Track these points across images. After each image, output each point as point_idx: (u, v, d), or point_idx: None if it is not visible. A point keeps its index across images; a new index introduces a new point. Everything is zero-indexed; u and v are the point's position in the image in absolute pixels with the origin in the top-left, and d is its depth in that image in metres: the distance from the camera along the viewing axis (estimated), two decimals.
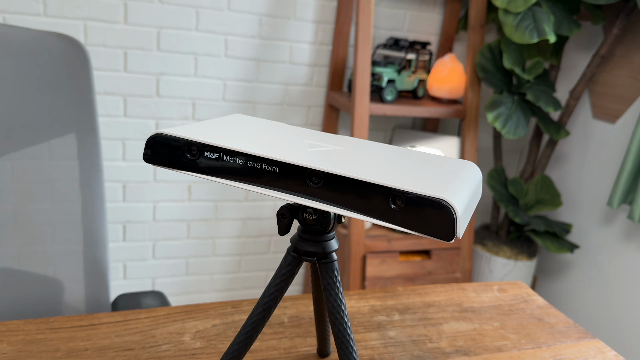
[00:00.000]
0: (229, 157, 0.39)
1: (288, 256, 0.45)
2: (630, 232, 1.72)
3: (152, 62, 1.61)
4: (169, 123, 1.68)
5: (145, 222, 1.77)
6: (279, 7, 1.69)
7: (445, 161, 0.43)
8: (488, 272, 1.89)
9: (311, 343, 0.63)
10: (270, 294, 0.45)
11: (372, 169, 0.38)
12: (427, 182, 0.36)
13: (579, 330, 0.74)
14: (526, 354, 0.67)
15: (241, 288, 1.99)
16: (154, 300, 0.80)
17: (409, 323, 0.71)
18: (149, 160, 0.41)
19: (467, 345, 0.67)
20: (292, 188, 0.38)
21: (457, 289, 0.82)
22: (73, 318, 0.62)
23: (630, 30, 1.71)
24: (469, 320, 0.73)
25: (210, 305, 0.68)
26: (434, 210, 0.33)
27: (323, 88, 1.82)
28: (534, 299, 0.82)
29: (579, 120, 1.94)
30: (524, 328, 0.73)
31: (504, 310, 0.77)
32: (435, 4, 1.89)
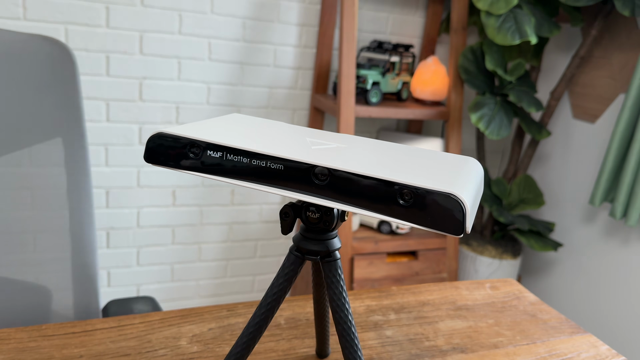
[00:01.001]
0: (233, 156, 0.38)
1: (291, 255, 0.45)
2: (612, 230, 1.75)
3: (135, 66, 1.59)
4: (152, 127, 1.66)
5: (129, 228, 1.74)
6: (263, 10, 1.69)
7: (448, 157, 0.43)
8: (473, 272, 1.90)
9: (309, 344, 0.63)
10: (273, 294, 0.44)
11: (379, 165, 0.38)
12: (434, 177, 0.36)
13: (571, 326, 0.75)
14: (522, 349, 0.68)
15: (228, 293, 1.97)
16: (146, 305, 0.79)
17: (405, 322, 0.71)
18: (150, 160, 0.40)
19: (464, 342, 0.68)
20: (297, 186, 0.38)
21: (450, 288, 0.82)
22: (66, 325, 0.61)
23: (608, 31, 1.75)
24: (464, 318, 0.74)
25: (205, 309, 0.67)
26: (443, 205, 0.33)
27: (308, 91, 1.82)
28: (526, 296, 0.83)
29: (559, 121, 1.97)
30: (517, 324, 0.74)
31: (497, 308, 0.78)
32: (417, 7, 1.90)
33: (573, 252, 1.91)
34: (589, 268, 1.84)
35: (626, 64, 1.70)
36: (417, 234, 1.79)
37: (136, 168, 1.69)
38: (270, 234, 1.96)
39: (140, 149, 1.67)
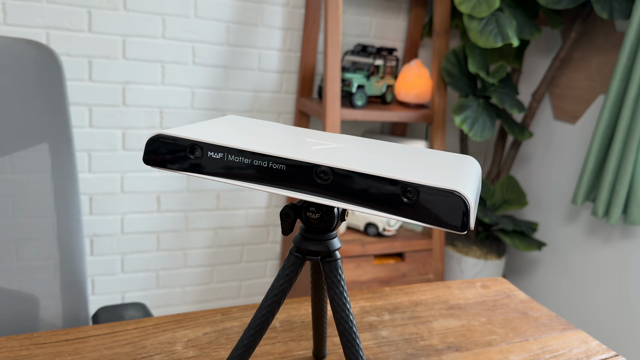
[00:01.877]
0: (235, 157, 0.38)
1: (291, 256, 0.45)
2: (594, 228, 1.78)
3: (118, 70, 1.57)
4: (136, 133, 1.65)
5: (113, 235, 1.72)
6: (247, 14, 1.69)
7: (446, 156, 0.43)
8: (459, 272, 1.92)
9: (305, 346, 0.63)
10: (274, 295, 0.44)
11: (381, 164, 0.38)
12: (436, 175, 0.37)
13: (561, 322, 0.76)
14: (515, 347, 0.68)
15: (214, 299, 1.96)
16: (137, 311, 0.78)
17: (399, 322, 0.71)
18: (149, 162, 0.40)
19: (458, 341, 0.68)
20: (300, 186, 0.38)
21: (442, 287, 0.83)
22: (58, 332, 0.60)
23: (587, 34, 1.78)
24: (457, 317, 0.74)
25: (199, 314, 0.67)
26: (447, 202, 0.34)
27: (293, 95, 1.82)
28: (516, 294, 0.84)
29: (540, 122, 2.00)
30: (509, 322, 0.74)
31: (488, 306, 0.79)
32: (400, 10, 1.92)
33: (556, 251, 1.94)
34: (572, 267, 1.87)
35: (605, 66, 1.73)
36: (404, 235, 1.80)
37: (120, 174, 1.67)
38: (257, 239, 1.95)
39: (124, 154, 1.65)
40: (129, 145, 1.65)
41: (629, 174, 1.50)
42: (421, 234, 1.85)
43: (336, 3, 1.55)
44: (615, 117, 1.56)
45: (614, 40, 1.70)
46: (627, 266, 1.68)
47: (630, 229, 1.65)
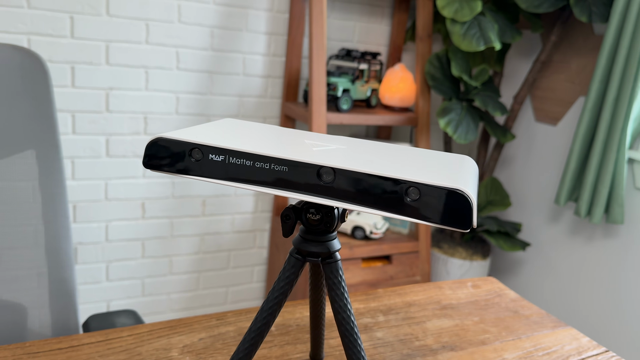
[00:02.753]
0: (236, 159, 0.38)
1: (291, 258, 0.45)
2: (577, 228, 1.81)
3: (101, 76, 1.56)
4: (120, 139, 1.63)
5: (97, 242, 1.70)
6: (231, 19, 1.68)
7: (444, 156, 0.44)
8: (445, 274, 1.93)
9: (301, 349, 0.63)
10: (275, 297, 0.44)
11: (382, 164, 0.38)
12: (438, 174, 0.37)
13: (552, 320, 0.77)
14: (508, 345, 0.69)
15: (200, 306, 1.94)
16: (128, 319, 0.77)
17: (393, 323, 0.71)
18: (149, 165, 0.40)
19: (452, 340, 0.69)
20: (302, 187, 0.38)
21: (434, 288, 0.83)
22: (51, 341, 0.59)
23: (566, 37, 1.82)
24: (450, 316, 0.75)
25: (194, 319, 0.66)
26: (451, 201, 0.34)
27: (278, 99, 1.82)
28: (507, 293, 0.85)
29: (522, 124, 2.03)
30: (502, 321, 0.75)
31: (480, 305, 0.80)
32: (383, 15, 1.93)
33: (540, 250, 1.96)
34: (556, 266, 1.90)
35: (584, 68, 1.77)
36: (390, 238, 1.81)
37: (104, 181, 1.65)
38: (243, 244, 1.95)
39: (108, 161, 1.63)
40: (113, 152, 1.63)
41: (610, 173, 1.53)
42: (407, 236, 1.86)
43: (320, 8, 1.56)
44: (595, 118, 1.59)
45: (593, 43, 1.74)
46: (609, 264, 1.71)
47: (612, 227, 1.68)
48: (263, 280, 2.03)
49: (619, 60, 1.48)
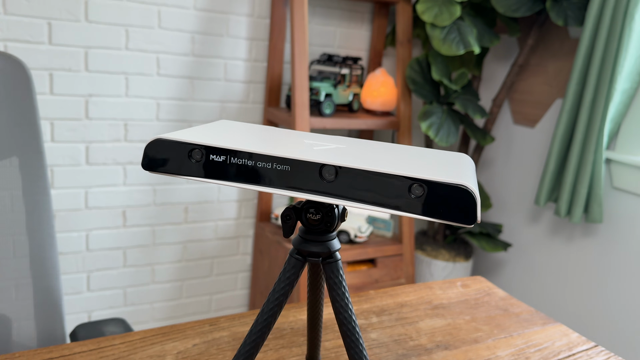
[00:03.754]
0: (237, 159, 0.38)
1: (292, 259, 0.44)
2: (557, 228, 1.84)
3: (81, 83, 1.53)
4: (100, 146, 1.61)
5: (78, 252, 1.66)
6: (211, 25, 1.68)
7: (442, 154, 0.44)
8: (429, 276, 1.95)
9: (297, 353, 0.63)
10: (275, 298, 0.44)
11: (384, 162, 0.38)
12: (440, 171, 0.37)
13: (542, 317, 0.78)
14: (500, 342, 0.70)
15: (184, 315, 1.92)
16: (117, 327, 0.76)
17: (387, 324, 0.71)
18: (148, 167, 0.39)
19: (446, 339, 0.69)
20: (304, 186, 0.38)
21: (424, 288, 0.84)
22: (41, 351, 0.57)
23: (543, 40, 1.86)
24: (442, 316, 0.75)
25: (187, 325, 0.66)
26: (456, 197, 0.34)
27: (260, 104, 1.82)
28: (495, 292, 0.86)
29: (501, 126, 2.06)
30: (492, 319, 0.76)
31: (471, 304, 0.80)
32: (363, 21, 1.95)
33: (521, 251, 1.99)
34: (537, 265, 1.93)
35: (561, 71, 1.81)
36: (375, 242, 1.82)
37: (84, 189, 1.62)
38: (227, 251, 1.93)
39: (88, 169, 1.60)
40: (93, 160, 1.61)
41: (589, 173, 1.57)
42: (391, 239, 1.87)
43: (302, 13, 1.56)
44: (573, 119, 1.62)
45: (569, 46, 1.78)
46: (590, 262, 1.74)
47: (592, 227, 1.72)
48: (247, 287, 2.01)
49: (594, 62, 1.51)
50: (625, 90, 1.52)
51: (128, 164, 1.67)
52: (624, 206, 1.62)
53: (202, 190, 1.82)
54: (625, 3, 1.43)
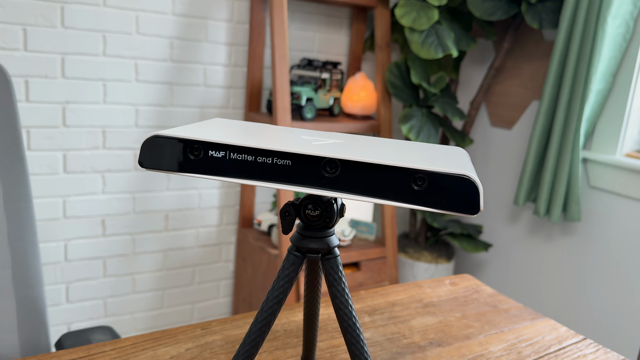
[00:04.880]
0: (237, 155, 0.38)
1: (290, 256, 0.44)
2: (537, 227, 1.87)
3: (57, 90, 1.50)
4: (78, 154, 1.58)
5: (56, 263, 1.63)
6: (190, 30, 1.67)
7: (439, 147, 0.45)
8: (412, 278, 1.96)
9: (292, 354, 0.62)
10: (274, 297, 0.43)
11: (385, 155, 0.38)
12: (442, 162, 0.37)
13: (530, 312, 0.79)
14: (492, 338, 0.70)
15: (166, 325, 1.89)
16: (104, 335, 0.74)
17: (380, 323, 0.71)
18: (146, 164, 0.39)
19: (439, 337, 0.69)
20: (306, 180, 0.37)
21: (414, 287, 0.84)
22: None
23: (518, 43, 1.89)
24: (433, 314, 0.76)
25: (178, 330, 0.64)
26: (459, 187, 0.35)
27: (241, 110, 1.81)
28: (483, 289, 0.86)
29: (479, 129, 2.09)
30: (482, 315, 0.77)
31: (460, 302, 0.81)
32: (341, 26, 1.96)
33: (502, 251, 2.02)
34: (518, 264, 1.95)
35: (536, 73, 1.84)
36: (358, 245, 1.82)
37: (61, 198, 1.58)
38: (209, 259, 1.91)
39: (66, 177, 1.57)
40: (71, 168, 1.58)
41: (567, 173, 1.60)
42: (374, 242, 1.87)
43: (282, 18, 1.56)
44: (550, 120, 1.66)
45: (543, 49, 1.81)
46: (569, 260, 1.77)
47: (570, 225, 1.75)
48: (230, 295, 1.99)
49: (569, 64, 1.55)
50: (599, 90, 1.55)
51: (107, 172, 1.64)
52: (601, 204, 1.66)
53: (183, 197, 1.80)
54: (597, 6, 1.47)
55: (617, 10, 1.46)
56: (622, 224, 1.61)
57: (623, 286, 1.62)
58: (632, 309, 1.59)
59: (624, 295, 1.62)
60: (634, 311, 1.59)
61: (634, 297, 1.59)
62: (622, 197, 1.60)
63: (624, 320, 1.62)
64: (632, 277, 1.59)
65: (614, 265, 1.63)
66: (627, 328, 1.61)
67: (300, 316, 0.71)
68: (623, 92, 1.57)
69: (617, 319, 1.63)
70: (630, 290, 1.60)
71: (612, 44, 1.50)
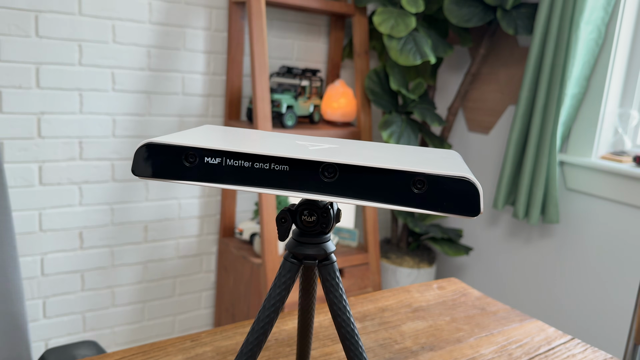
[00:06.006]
0: (233, 161, 0.37)
1: (286, 263, 0.43)
2: (516, 230, 1.90)
3: (32, 100, 1.47)
4: (54, 165, 1.54)
5: (32, 277, 1.58)
6: (168, 39, 1.65)
7: (433, 151, 0.45)
8: (395, 283, 1.96)
9: None
10: (271, 305, 0.43)
11: (383, 158, 0.38)
12: (440, 165, 0.37)
13: (518, 314, 0.80)
14: (483, 340, 0.71)
15: (147, 338, 1.85)
16: (89, 350, 0.72)
17: (371, 329, 0.71)
18: (139, 173, 0.38)
19: (430, 341, 0.69)
20: (304, 185, 0.37)
21: (402, 292, 0.84)
22: None
23: (494, 49, 1.92)
24: (423, 318, 0.76)
25: (167, 342, 0.63)
26: (459, 189, 0.35)
27: (220, 118, 1.80)
28: (471, 292, 0.87)
29: (457, 134, 2.12)
30: (471, 318, 0.77)
31: (449, 305, 0.81)
32: (320, 34, 1.97)
33: (482, 254, 2.04)
34: (498, 267, 1.98)
35: (512, 78, 1.88)
36: (341, 252, 1.82)
37: (37, 211, 1.55)
38: (189, 270, 1.88)
39: (42, 189, 1.54)
40: (47, 180, 1.54)
41: (544, 176, 1.62)
42: (357, 249, 1.87)
43: (260, 26, 1.56)
44: (526, 125, 1.68)
45: (518, 54, 1.85)
46: (549, 261, 1.80)
47: (549, 227, 1.78)
48: (211, 306, 1.97)
49: (545, 69, 1.58)
50: (574, 94, 1.59)
51: (84, 183, 1.61)
52: (578, 206, 1.69)
53: (162, 208, 1.78)
54: (570, 12, 1.50)
55: (589, 16, 1.50)
56: (599, 225, 1.64)
57: (602, 285, 1.65)
58: (611, 307, 1.62)
59: (603, 294, 1.65)
60: (613, 309, 1.62)
61: (612, 295, 1.62)
62: (598, 199, 1.63)
63: (604, 319, 1.65)
64: (610, 276, 1.62)
65: (593, 265, 1.67)
66: (607, 326, 1.64)
67: (291, 324, 0.70)
68: (597, 96, 1.61)
69: (598, 318, 1.66)
70: (609, 289, 1.63)
71: (585, 49, 1.54)
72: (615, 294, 1.61)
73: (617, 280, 1.60)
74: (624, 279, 1.59)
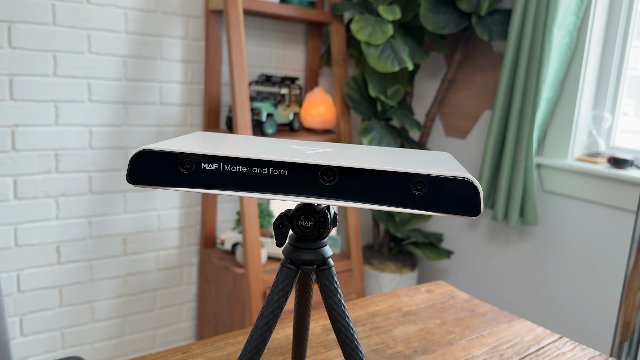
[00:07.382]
0: (231, 166, 0.37)
1: (284, 269, 0.43)
2: (495, 232, 1.92)
3: (5, 113, 1.44)
4: (29, 179, 1.51)
5: (8, 294, 1.54)
6: (144, 48, 1.63)
7: (428, 153, 0.45)
8: (378, 289, 1.96)
9: None
10: (270, 312, 0.42)
11: (382, 161, 0.38)
12: (438, 166, 0.38)
13: (506, 315, 0.80)
14: (474, 342, 0.71)
15: (127, 353, 1.81)
16: None
17: (362, 335, 0.71)
18: (134, 181, 0.37)
19: (422, 344, 0.69)
20: (303, 189, 0.37)
21: (391, 297, 0.84)
22: None
23: (469, 55, 1.95)
24: (413, 322, 0.76)
25: (158, 355, 0.62)
26: (459, 189, 0.35)
27: (199, 127, 1.78)
28: (458, 295, 0.87)
29: (435, 139, 2.14)
30: (461, 321, 0.77)
31: (438, 309, 0.81)
32: (297, 42, 1.97)
33: (463, 257, 2.06)
34: (479, 270, 2.00)
35: (487, 84, 1.91)
36: None
37: (13, 226, 1.51)
38: (170, 282, 1.85)
39: (17, 204, 1.50)
40: (22, 194, 1.50)
41: (522, 179, 1.65)
42: (340, 255, 1.87)
43: (238, 35, 1.56)
44: (503, 129, 1.71)
45: (493, 60, 1.88)
46: (528, 262, 1.82)
47: (527, 229, 1.80)
48: (193, 319, 1.94)
49: (519, 74, 1.61)
50: (549, 98, 1.62)
51: (60, 197, 1.57)
52: (555, 208, 1.72)
53: (141, 220, 1.75)
54: (543, 17, 1.54)
55: (562, 22, 1.54)
56: (576, 225, 1.67)
57: (582, 284, 1.68)
58: (590, 305, 1.65)
59: (583, 293, 1.67)
60: (592, 307, 1.65)
61: (591, 293, 1.65)
62: (574, 200, 1.66)
63: (585, 317, 1.67)
64: (588, 275, 1.65)
65: (572, 265, 1.70)
66: (589, 324, 1.67)
67: (283, 332, 0.70)
68: (571, 99, 1.65)
69: (579, 316, 1.69)
70: (587, 287, 1.66)
71: (558, 54, 1.57)
72: (594, 292, 1.64)
73: (595, 279, 1.64)
74: (602, 277, 1.62)
